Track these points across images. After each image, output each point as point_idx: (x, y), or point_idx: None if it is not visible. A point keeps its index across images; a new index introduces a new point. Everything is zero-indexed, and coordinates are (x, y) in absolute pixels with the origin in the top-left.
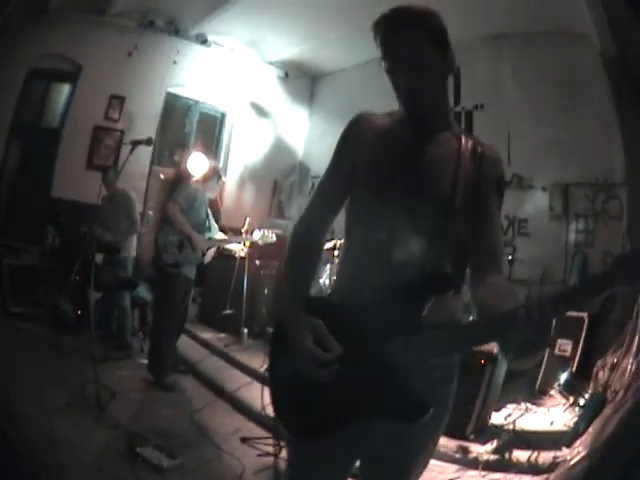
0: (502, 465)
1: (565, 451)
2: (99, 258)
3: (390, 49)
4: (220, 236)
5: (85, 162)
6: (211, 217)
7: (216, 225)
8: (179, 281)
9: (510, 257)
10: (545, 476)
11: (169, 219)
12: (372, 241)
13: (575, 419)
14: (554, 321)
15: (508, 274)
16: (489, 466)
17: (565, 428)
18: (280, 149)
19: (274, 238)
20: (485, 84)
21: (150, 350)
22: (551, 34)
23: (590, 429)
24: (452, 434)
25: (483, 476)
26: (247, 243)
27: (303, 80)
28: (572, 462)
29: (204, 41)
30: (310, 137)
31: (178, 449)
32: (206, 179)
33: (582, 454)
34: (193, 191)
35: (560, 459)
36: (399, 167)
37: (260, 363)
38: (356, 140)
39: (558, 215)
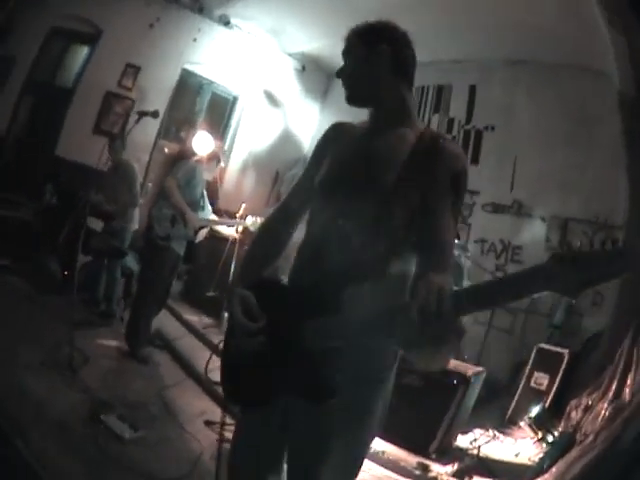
0: None
1: None
2: (97, 225)
3: (345, 48)
4: (213, 217)
5: (92, 126)
6: (206, 198)
7: (210, 207)
8: (168, 255)
9: None
10: None
11: (165, 193)
12: (313, 228)
13: (541, 455)
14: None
15: None
16: None
17: (529, 462)
18: (287, 140)
19: None
20: (499, 107)
21: (129, 321)
22: (570, 67)
23: (554, 468)
24: (414, 449)
25: None
26: (239, 228)
27: (319, 75)
28: None
29: (227, 23)
30: (318, 132)
31: (142, 422)
32: (206, 160)
33: None
34: (192, 169)
35: None
36: (347, 161)
37: None
38: (324, 144)
39: (554, 247)
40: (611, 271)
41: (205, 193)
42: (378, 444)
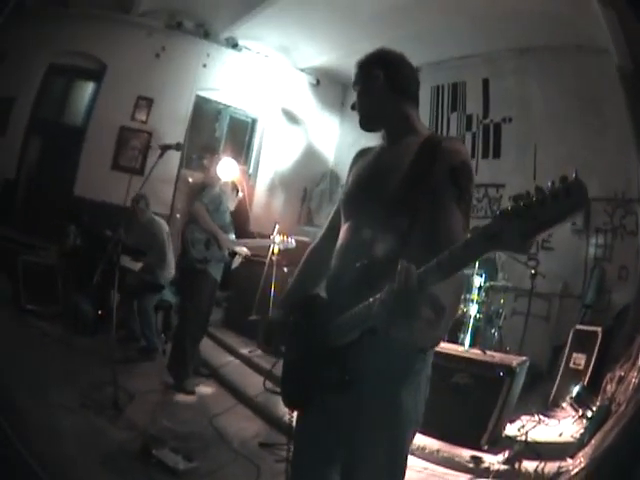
0: (511, 475)
1: (569, 462)
2: (130, 264)
3: (353, 80)
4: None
5: (111, 162)
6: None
7: (233, 236)
8: (206, 279)
9: (533, 271)
10: None
11: (195, 217)
12: (341, 240)
13: (582, 431)
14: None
15: (530, 287)
16: (499, 476)
17: (572, 439)
18: (311, 156)
19: (294, 244)
20: (513, 97)
21: (173, 352)
22: (574, 48)
23: (592, 440)
24: (467, 444)
25: None
26: (275, 249)
27: (334, 87)
28: (573, 472)
29: (235, 45)
30: (341, 145)
31: (195, 452)
32: (226, 190)
33: (582, 465)
34: (218, 195)
35: (563, 469)
36: (360, 177)
37: None
38: (350, 169)
39: (579, 229)
40: (559, 212)
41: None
42: (432, 443)
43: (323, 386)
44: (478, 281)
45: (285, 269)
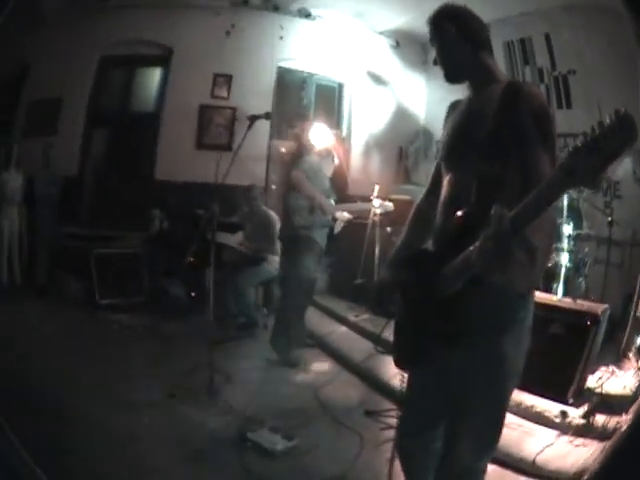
0: (585, 430)
1: (624, 417)
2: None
3: (429, 37)
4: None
5: (194, 142)
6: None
7: (333, 202)
8: (310, 245)
9: (609, 219)
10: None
11: (296, 185)
12: (444, 190)
13: (637, 384)
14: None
15: (608, 235)
16: (577, 431)
17: (630, 393)
18: (402, 116)
19: (391, 206)
20: (573, 51)
21: (276, 326)
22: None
23: None
24: (554, 397)
25: (570, 441)
26: (377, 211)
27: (414, 47)
28: (622, 429)
29: (308, 15)
30: (430, 102)
31: (297, 429)
32: (321, 157)
33: (629, 422)
34: (317, 162)
35: (619, 425)
36: (453, 128)
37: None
38: (445, 123)
39: (639, 178)
40: (616, 144)
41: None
42: (526, 398)
43: (433, 340)
44: (567, 229)
45: (388, 229)
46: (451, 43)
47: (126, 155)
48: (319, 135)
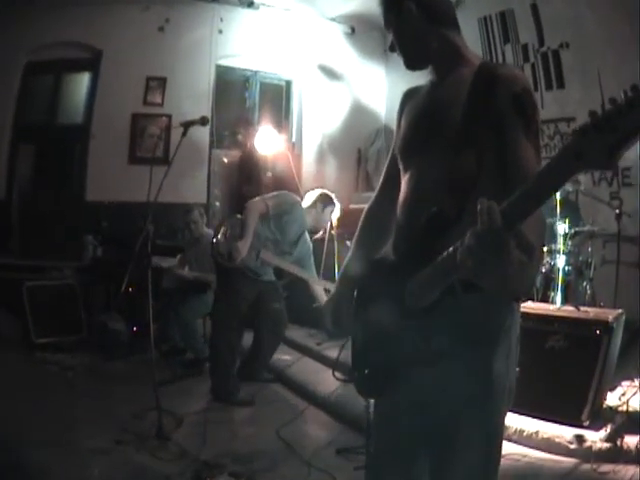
0: (613, 454)
1: None
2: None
3: (383, 20)
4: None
5: (127, 156)
6: (310, 253)
7: (314, 270)
8: (238, 275)
9: (617, 211)
10: None
11: (245, 211)
12: (402, 192)
13: None
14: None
15: (617, 230)
16: (602, 456)
17: None
18: (360, 113)
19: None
20: (566, 20)
21: (211, 357)
22: None
23: None
24: (567, 420)
25: (595, 469)
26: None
27: (372, 34)
28: None
29: (250, 4)
30: (391, 96)
31: (261, 473)
32: (317, 205)
33: None
34: (290, 204)
35: None
36: (415, 119)
37: None
38: (399, 113)
39: None
40: (637, 122)
41: (310, 247)
42: (529, 424)
43: (405, 361)
44: (562, 228)
45: (348, 243)
46: (411, 22)
47: (54, 173)
48: (265, 140)
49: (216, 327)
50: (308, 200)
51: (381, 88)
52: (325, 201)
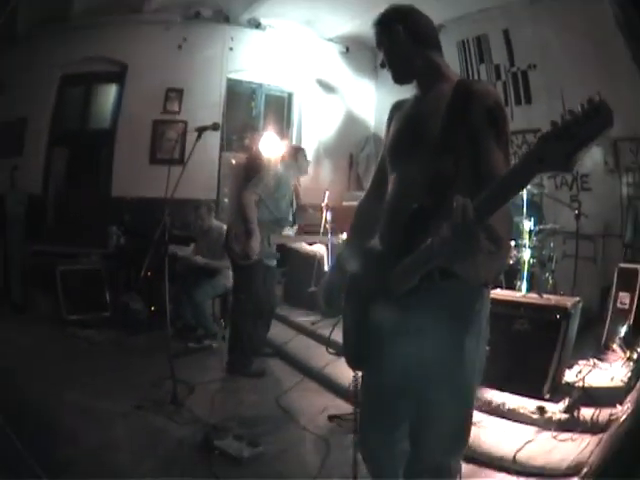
0: (571, 424)
1: (619, 408)
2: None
3: (375, 40)
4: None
5: (148, 158)
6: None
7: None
8: (255, 268)
9: (576, 211)
10: (601, 435)
11: (241, 210)
12: (389, 193)
13: (629, 374)
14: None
15: (576, 229)
16: (561, 426)
17: (621, 384)
18: (352, 122)
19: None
20: (533, 45)
21: (231, 338)
22: None
23: (638, 384)
24: (530, 393)
25: (555, 437)
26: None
27: (364, 53)
28: (621, 420)
29: (258, 25)
30: (380, 107)
31: (261, 436)
32: (281, 172)
33: (629, 411)
34: (275, 178)
35: (614, 416)
36: (400, 128)
37: None
38: (388, 123)
39: (612, 169)
40: (592, 130)
41: (294, 203)
42: (497, 397)
43: (387, 337)
44: (528, 225)
45: (342, 236)
46: (399, 43)
47: (84, 173)
48: (269, 144)
49: (236, 317)
50: (287, 154)
51: (371, 101)
52: (299, 152)
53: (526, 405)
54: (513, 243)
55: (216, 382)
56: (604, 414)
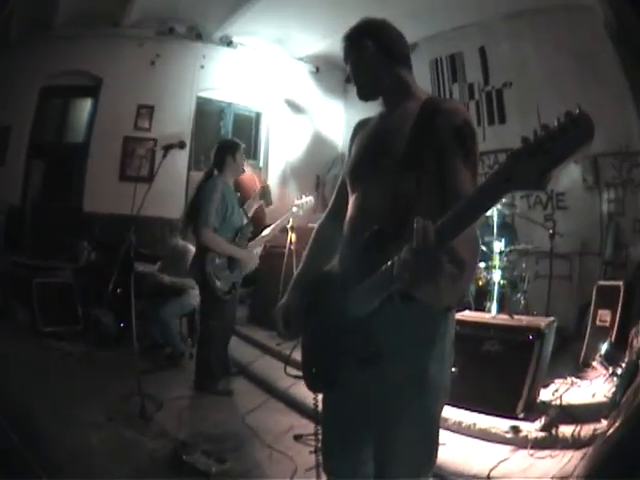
0: (549, 442)
1: (604, 422)
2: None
3: (343, 53)
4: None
5: (117, 174)
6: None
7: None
8: (231, 302)
9: (551, 231)
10: (585, 450)
11: (208, 247)
12: (349, 212)
13: (613, 389)
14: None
15: (549, 248)
16: (538, 444)
17: (604, 399)
18: (320, 143)
19: (312, 200)
20: (511, 62)
21: (198, 357)
22: (562, 7)
23: (624, 398)
24: (503, 413)
25: (532, 454)
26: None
27: (334, 73)
28: (608, 433)
29: (229, 43)
30: (348, 128)
31: (228, 453)
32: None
33: (616, 424)
34: (219, 198)
35: (599, 431)
36: (363, 146)
37: None
38: (351, 142)
39: (591, 186)
40: (569, 144)
41: (236, 202)
42: (468, 417)
43: (348, 361)
44: (498, 246)
45: None
46: (368, 58)
47: (59, 186)
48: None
49: (207, 341)
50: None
51: (339, 121)
52: (265, 190)
53: (498, 425)
54: (483, 265)
55: (184, 399)
56: (586, 430)
